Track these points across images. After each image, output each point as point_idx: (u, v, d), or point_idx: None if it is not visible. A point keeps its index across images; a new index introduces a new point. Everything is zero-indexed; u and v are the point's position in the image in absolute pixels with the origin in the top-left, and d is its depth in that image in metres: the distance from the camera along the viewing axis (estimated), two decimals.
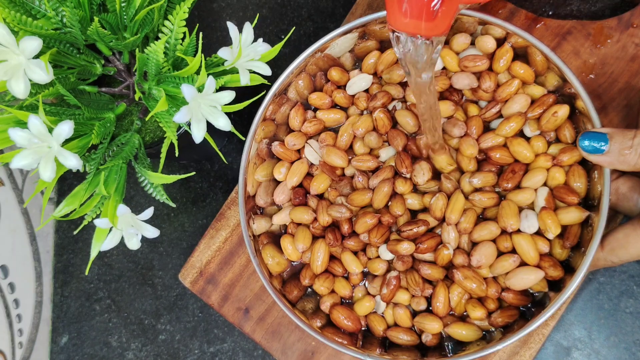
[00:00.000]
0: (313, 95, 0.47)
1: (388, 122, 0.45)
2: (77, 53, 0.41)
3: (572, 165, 0.42)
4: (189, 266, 0.51)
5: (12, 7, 0.38)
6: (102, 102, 0.42)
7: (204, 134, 0.38)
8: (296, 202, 0.46)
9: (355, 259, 0.45)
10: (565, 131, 0.43)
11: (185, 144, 0.46)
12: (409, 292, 0.44)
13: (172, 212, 0.56)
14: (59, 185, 0.57)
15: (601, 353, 0.48)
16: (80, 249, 0.57)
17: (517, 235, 0.42)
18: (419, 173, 0.43)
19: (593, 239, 0.40)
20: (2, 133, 0.36)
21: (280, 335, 0.49)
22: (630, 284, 0.49)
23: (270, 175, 0.47)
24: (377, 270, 0.44)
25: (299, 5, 0.56)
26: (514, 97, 0.44)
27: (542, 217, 0.42)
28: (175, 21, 0.39)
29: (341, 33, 0.44)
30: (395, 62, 0.46)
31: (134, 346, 0.55)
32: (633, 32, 0.48)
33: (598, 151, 0.39)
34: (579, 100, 0.41)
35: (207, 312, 0.54)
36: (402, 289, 0.44)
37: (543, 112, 0.43)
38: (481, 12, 0.42)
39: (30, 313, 0.53)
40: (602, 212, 0.40)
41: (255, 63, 0.40)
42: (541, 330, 0.46)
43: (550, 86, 0.44)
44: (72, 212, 0.40)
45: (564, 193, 0.41)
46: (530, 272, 0.41)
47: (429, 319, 0.43)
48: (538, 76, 0.44)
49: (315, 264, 0.45)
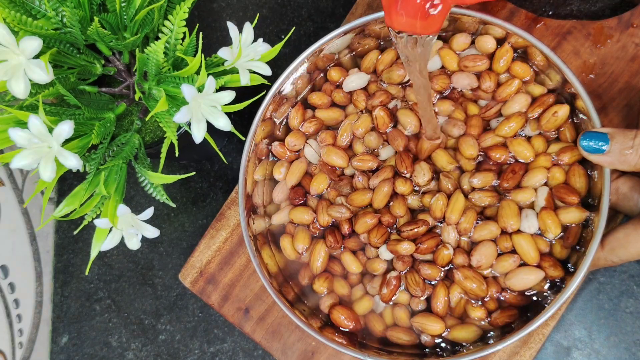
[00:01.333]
0: (313, 94, 0.47)
1: (388, 119, 0.45)
2: (77, 53, 0.41)
3: (572, 165, 0.42)
4: (189, 266, 0.51)
5: (12, 7, 0.38)
6: (102, 102, 0.42)
7: (204, 134, 0.38)
8: (296, 202, 0.46)
9: (355, 259, 0.45)
10: (566, 130, 0.43)
11: (185, 144, 0.46)
12: (408, 292, 0.44)
13: (172, 212, 0.56)
14: (59, 185, 0.57)
15: (601, 353, 0.48)
16: (80, 249, 0.57)
17: (517, 235, 0.42)
18: (420, 173, 0.43)
19: (593, 239, 0.40)
20: (2, 133, 0.36)
21: (280, 335, 0.49)
22: (630, 284, 0.49)
23: (269, 174, 0.47)
24: (377, 270, 0.44)
25: (299, 5, 0.56)
26: (514, 96, 0.44)
27: (542, 217, 0.42)
28: (175, 21, 0.39)
29: (341, 33, 0.44)
30: (395, 62, 0.46)
31: (134, 346, 0.55)
32: (633, 32, 0.48)
33: (598, 151, 0.39)
34: (579, 100, 0.41)
35: (207, 312, 0.54)
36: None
37: (543, 112, 0.43)
38: (481, 12, 0.42)
39: (30, 313, 0.53)
40: (602, 212, 0.40)
41: (255, 63, 0.40)
42: (541, 330, 0.46)
43: (550, 85, 0.44)
44: (72, 212, 0.40)
45: (564, 193, 0.41)
46: (530, 272, 0.41)
47: (430, 319, 0.43)
48: (538, 75, 0.44)
49: (315, 265, 0.45)
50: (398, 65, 0.46)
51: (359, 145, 0.46)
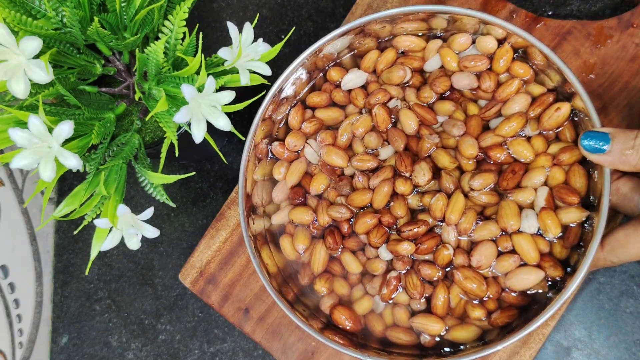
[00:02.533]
0: (312, 94, 0.47)
1: (388, 117, 0.45)
2: (77, 53, 0.41)
3: (573, 165, 0.42)
4: (189, 266, 0.51)
5: (12, 7, 0.38)
6: (102, 102, 0.42)
7: (204, 134, 0.38)
8: (296, 202, 0.46)
9: (354, 259, 0.45)
10: (566, 130, 0.43)
11: (185, 144, 0.46)
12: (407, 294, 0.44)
13: (172, 212, 0.56)
14: (59, 185, 0.57)
15: (601, 353, 0.48)
16: (80, 249, 0.57)
17: (517, 235, 0.42)
18: (420, 173, 0.43)
19: (593, 239, 0.40)
20: (2, 133, 0.36)
21: (280, 335, 0.49)
22: (630, 284, 0.49)
23: (269, 174, 0.47)
24: (377, 270, 0.44)
25: (299, 5, 0.56)
26: (514, 96, 0.44)
27: (542, 217, 0.41)
28: (175, 21, 0.39)
29: (341, 33, 0.44)
30: (395, 62, 0.46)
31: (134, 346, 0.55)
32: (633, 32, 0.47)
33: (599, 151, 0.39)
34: (579, 100, 0.41)
35: (207, 312, 0.54)
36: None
37: (544, 110, 0.43)
38: (481, 12, 0.42)
39: (30, 313, 0.53)
40: (602, 212, 0.40)
41: (255, 63, 0.40)
42: (541, 330, 0.46)
43: (550, 85, 0.44)
44: (72, 212, 0.40)
45: (564, 193, 0.41)
46: (530, 272, 0.41)
47: (430, 319, 0.43)
48: (538, 75, 0.44)
49: (315, 265, 0.45)
50: (398, 65, 0.46)
51: (358, 145, 0.46)
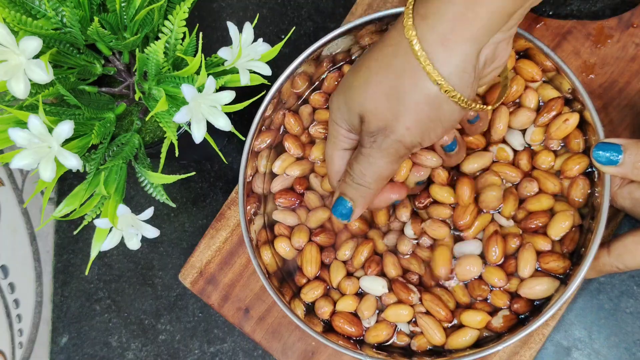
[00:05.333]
0: (312, 94, 0.47)
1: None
2: (77, 53, 0.41)
3: (575, 178, 0.43)
4: (189, 266, 0.51)
5: (12, 7, 0.38)
6: (102, 102, 0.42)
7: (204, 134, 0.38)
8: (287, 204, 0.47)
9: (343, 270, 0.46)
10: (572, 138, 0.43)
11: (185, 144, 0.46)
12: (404, 303, 0.44)
13: (172, 212, 0.56)
14: (59, 185, 0.57)
15: (601, 353, 0.48)
16: (80, 249, 0.57)
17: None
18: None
19: (593, 240, 0.40)
20: (2, 133, 0.36)
21: (280, 335, 0.49)
22: (630, 284, 0.49)
23: (270, 170, 0.48)
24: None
25: (299, 5, 0.56)
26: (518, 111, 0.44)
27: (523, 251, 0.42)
28: (175, 21, 0.39)
29: (341, 33, 0.44)
30: None
31: (134, 346, 0.55)
32: (633, 32, 0.47)
33: (612, 163, 0.38)
34: (579, 101, 0.41)
35: (207, 312, 0.54)
36: (398, 304, 0.44)
37: (554, 119, 0.43)
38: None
39: (30, 313, 0.53)
40: (602, 215, 0.40)
41: (255, 63, 0.40)
42: (541, 330, 0.46)
43: (556, 94, 0.44)
44: (72, 212, 0.40)
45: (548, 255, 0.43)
46: (543, 282, 0.42)
47: (432, 325, 0.43)
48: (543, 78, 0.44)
49: (308, 269, 0.45)
50: None
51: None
